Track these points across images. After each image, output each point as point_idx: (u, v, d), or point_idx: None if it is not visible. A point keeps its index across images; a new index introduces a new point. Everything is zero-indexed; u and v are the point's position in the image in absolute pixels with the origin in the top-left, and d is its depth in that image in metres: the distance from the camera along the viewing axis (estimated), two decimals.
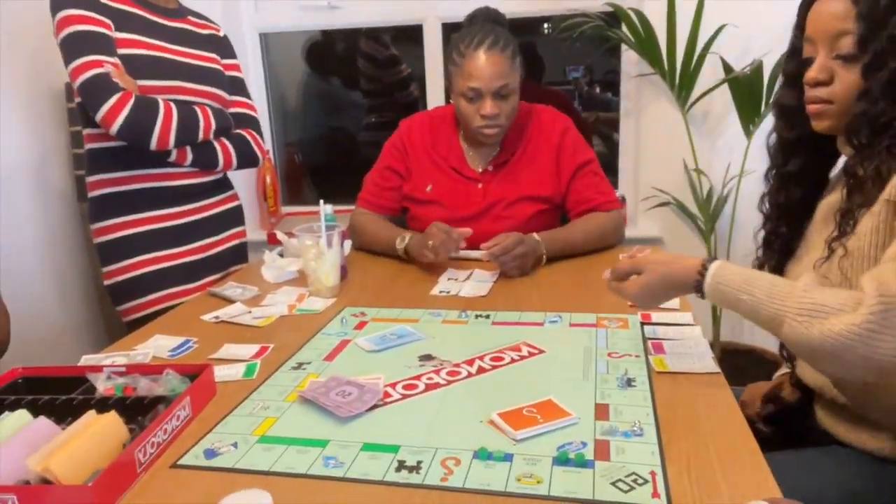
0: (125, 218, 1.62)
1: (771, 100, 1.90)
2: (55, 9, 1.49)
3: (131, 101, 1.46)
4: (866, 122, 0.92)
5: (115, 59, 1.49)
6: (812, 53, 0.99)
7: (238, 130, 1.73)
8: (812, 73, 0.98)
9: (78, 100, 1.51)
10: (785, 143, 1.12)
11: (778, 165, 1.13)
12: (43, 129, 2.24)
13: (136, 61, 1.53)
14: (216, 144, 1.65)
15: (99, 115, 1.46)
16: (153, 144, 1.51)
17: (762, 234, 1.20)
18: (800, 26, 1.03)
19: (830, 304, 0.83)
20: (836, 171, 1.12)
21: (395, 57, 2.89)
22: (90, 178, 1.64)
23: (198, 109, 1.60)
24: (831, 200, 1.03)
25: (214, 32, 1.77)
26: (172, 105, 1.54)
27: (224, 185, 1.81)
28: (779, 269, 1.16)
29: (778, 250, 1.16)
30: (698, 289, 0.96)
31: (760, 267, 1.20)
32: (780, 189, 1.14)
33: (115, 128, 1.46)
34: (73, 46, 1.47)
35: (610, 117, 2.75)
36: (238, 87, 1.79)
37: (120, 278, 1.63)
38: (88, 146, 1.62)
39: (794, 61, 1.06)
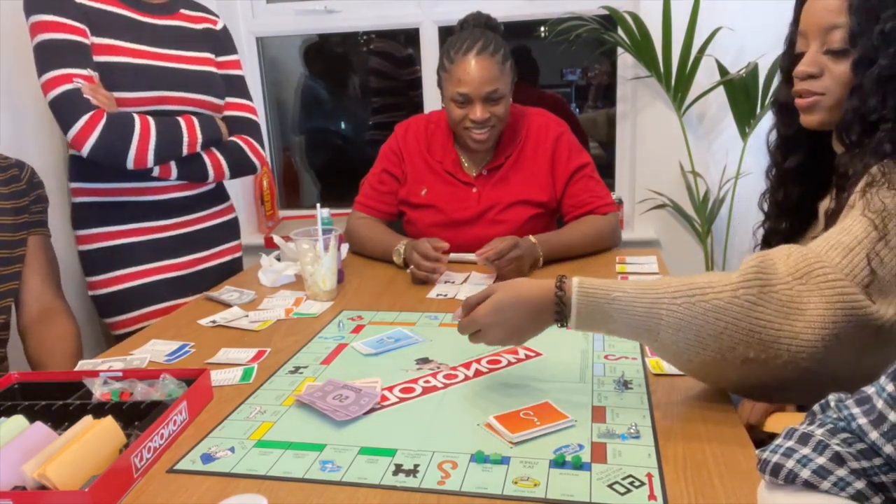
0: (108, 228, 1.56)
1: (769, 98, 1.91)
2: (28, 12, 1.42)
3: (103, 121, 1.39)
4: (857, 118, 0.92)
5: (88, 72, 1.41)
6: (804, 48, 1.00)
7: (233, 138, 1.64)
8: (802, 67, 0.98)
9: None
10: (783, 140, 1.12)
11: (777, 163, 1.13)
12: (38, 131, 2.23)
13: (114, 70, 1.45)
14: (205, 156, 1.57)
15: (69, 136, 1.39)
16: (130, 164, 1.44)
17: (761, 231, 1.19)
18: (796, 21, 1.04)
19: (700, 282, 0.82)
20: None
21: (411, 56, 2.90)
22: (72, 185, 1.58)
23: (182, 122, 1.51)
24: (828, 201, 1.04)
25: (210, 26, 1.66)
26: (150, 121, 1.45)
27: (218, 197, 1.73)
28: None
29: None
30: (559, 309, 0.87)
31: None
32: (780, 187, 1.13)
33: (86, 150, 1.39)
34: (44, 57, 1.40)
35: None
36: (236, 86, 1.69)
37: (103, 291, 1.58)
38: (71, 152, 1.55)
39: (789, 56, 1.06)
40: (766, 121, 1.18)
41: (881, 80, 0.90)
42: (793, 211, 1.13)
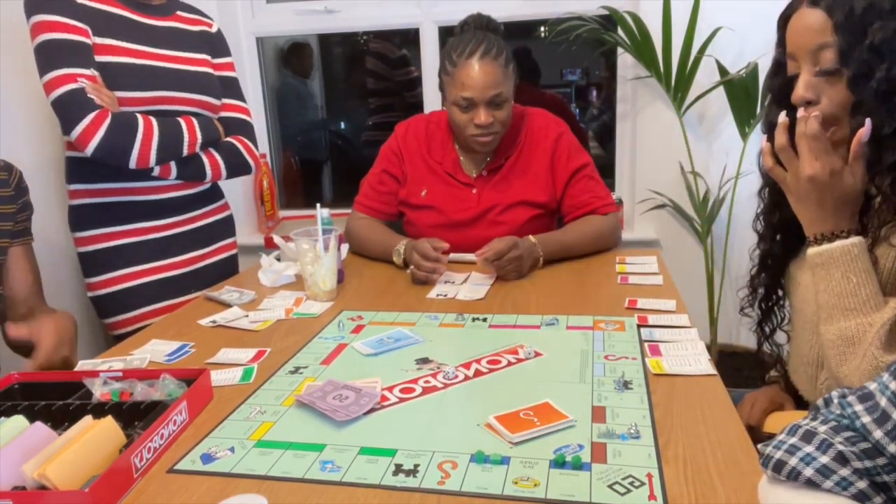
0: (106, 230, 1.57)
1: (760, 117, 1.90)
2: (29, 12, 1.42)
3: (108, 121, 1.40)
4: (869, 136, 0.89)
5: (91, 71, 1.42)
6: (795, 70, 0.97)
7: (228, 138, 1.66)
8: (799, 92, 0.96)
9: None
10: (777, 161, 1.10)
11: (771, 184, 1.11)
12: (37, 131, 2.23)
13: (116, 70, 1.46)
14: (203, 156, 1.59)
15: (73, 136, 1.39)
16: (133, 164, 1.45)
17: (757, 253, 1.17)
18: (781, 42, 1.01)
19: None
20: None
21: (405, 57, 2.90)
22: (70, 187, 1.59)
23: (182, 123, 1.52)
24: None
25: (206, 28, 1.69)
26: (153, 121, 1.47)
27: (213, 195, 1.75)
28: (774, 286, 1.15)
29: (776, 268, 1.14)
30: (838, 232, 0.91)
31: (754, 286, 1.18)
32: (775, 208, 1.10)
33: (90, 149, 1.40)
34: (46, 57, 1.40)
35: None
36: (231, 88, 1.71)
37: (102, 292, 1.59)
38: (67, 153, 1.56)
39: (779, 78, 1.04)
40: None
41: (880, 94, 0.88)
42: (790, 230, 1.10)
